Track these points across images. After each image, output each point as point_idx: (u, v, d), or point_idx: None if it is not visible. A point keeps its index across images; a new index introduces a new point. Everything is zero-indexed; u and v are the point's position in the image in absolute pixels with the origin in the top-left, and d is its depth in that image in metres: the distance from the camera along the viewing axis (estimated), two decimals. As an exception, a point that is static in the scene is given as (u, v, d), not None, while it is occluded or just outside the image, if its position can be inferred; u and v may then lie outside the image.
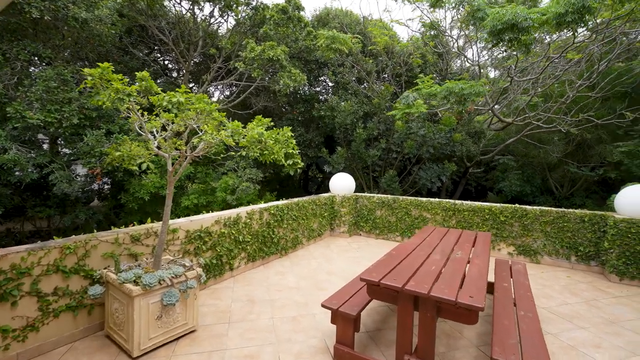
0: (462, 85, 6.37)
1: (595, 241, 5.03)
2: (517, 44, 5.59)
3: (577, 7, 4.83)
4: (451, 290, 2.21)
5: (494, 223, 5.76)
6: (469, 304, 2.02)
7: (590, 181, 12.96)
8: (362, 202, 7.12)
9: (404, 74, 10.29)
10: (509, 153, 13.80)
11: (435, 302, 2.22)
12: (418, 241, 3.69)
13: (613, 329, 3.30)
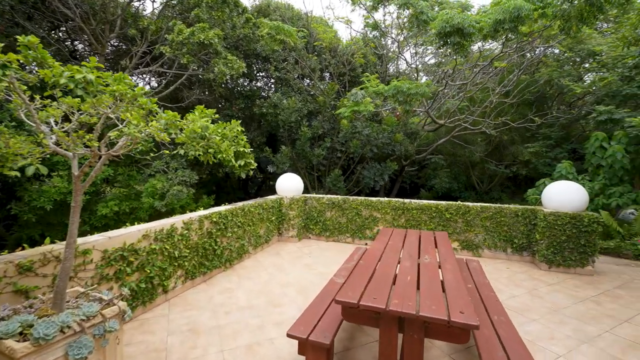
0: (408, 85, 6.46)
1: (527, 233, 5.48)
2: (461, 49, 5.82)
3: (513, 17, 5.17)
4: (439, 306, 1.96)
5: (440, 220, 5.93)
6: (465, 323, 1.79)
7: (504, 177, 14.64)
8: (311, 203, 6.78)
9: (348, 74, 10.27)
10: (439, 153, 14.86)
11: (423, 322, 1.95)
12: (382, 245, 3.47)
13: (558, 317, 3.50)
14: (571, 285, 4.43)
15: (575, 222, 4.89)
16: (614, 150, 7.18)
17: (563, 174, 7.78)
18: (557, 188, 5.13)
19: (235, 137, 2.69)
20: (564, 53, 11.13)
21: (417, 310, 1.92)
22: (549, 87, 12.25)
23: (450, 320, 1.82)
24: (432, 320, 1.86)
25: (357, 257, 4.02)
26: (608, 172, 7.36)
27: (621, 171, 7.20)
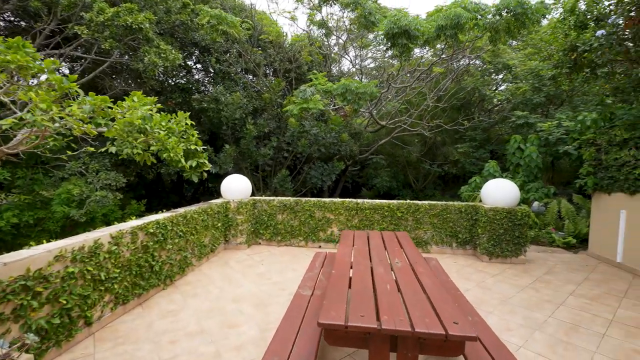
0: (356, 84, 6.44)
1: (469, 228, 5.86)
2: (406, 51, 5.97)
3: (454, 23, 5.46)
4: (432, 318, 1.81)
5: (392, 219, 6.02)
6: (463, 335, 1.66)
7: (436, 176, 15.85)
8: (261, 206, 6.33)
9: (294, 70, 9.97)
10: (379, 153, 15.45)
11: (418, 339, 1.77)
12: (348, 250, 3.27)
13: (508, 308, 3.72)
14: (511, 275, 4.81)
15: (510, 216, 5.36)
16: (530, 151, 8.18)
17: (491, 172, 8.61)
18: (495, 185, 5.57)
19: (184, 132, 2.21)
20: (484, 65, 12.45)
21: (411, 326, 1.73)
22: (473, 95, 13.61)
23: (448, 334, 1.67)
24: (426, 336, 1.69)
25: (319, 264, 3.78)
26: (525, 170, 8.35)
27: (536, 169, 8.23)
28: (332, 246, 6.16)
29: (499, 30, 6.22)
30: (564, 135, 8.17)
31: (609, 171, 5.43)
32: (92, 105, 1.55)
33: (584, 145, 6.05)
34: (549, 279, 4.66)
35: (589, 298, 4.01)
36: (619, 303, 3.89)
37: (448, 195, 15.50)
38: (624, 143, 5.13)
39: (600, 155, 5.60)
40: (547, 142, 8.58)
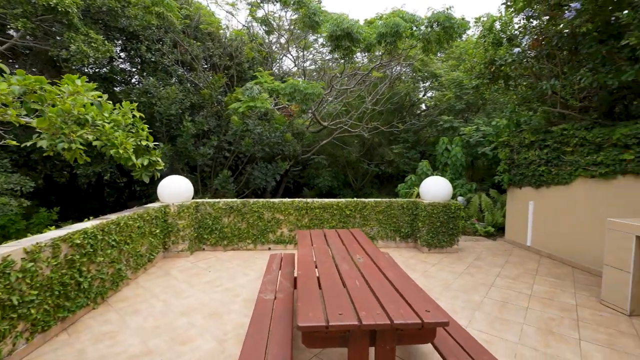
0: (304, 84, 6.44)
1: (410, 223, 6.30)
2: (349, 54, 6.17)
3: (393, 31, 5.82)
4: (406, 309, 1.88)
5: (341, 217, 6.16)
6: (437, 322, 1.75)
7: (373, 175, 16.73)
8: (204, 209, 5.90)
9: (234, 67, 9.54)
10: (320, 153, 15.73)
11: (396, 330, 1.82)
12: (309, 250, 3.23)
13: (451, 293, 4.10)
14: (448, 263, 5.32)
15: (446, 210, 5.92)
16: (455, 151, 9.17)
17: (424, 170, 9.42)
18: (432, 182, 6.09)
19: (132, 125, 1.92)
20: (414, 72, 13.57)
21: (389, 318, 1.77)
22: (405, 99, 14.73)
23: (424, 322, 1.75)
24: (405, 327, 1.75)
25: (276, 267, 3.67)
26: (452, 169, 9.33)
27: (460, 168, 9.25)
28: (283, 247, 6.05)
29: (431, 41, 6.85)
30: (481, 138, 9.35)
31: (520, 168, 6.37)
32: (23, 86, 1.23)
33: (500, 146, 6.99)
34: (479, 265, 5.26)
35: (511, 278, 4.64)
36: (533, 280, 4.57)
37: (384, 192, 16.49)
38: (531, 145, 6.07)
39: (513, 155, 6.53)
40: (469, 144, 9.73)
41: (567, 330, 3.18)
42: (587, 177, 4.97)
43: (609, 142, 4.56)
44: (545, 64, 5.39)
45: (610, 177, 4.61)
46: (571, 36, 4.53)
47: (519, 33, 5.86)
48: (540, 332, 3.14)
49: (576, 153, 5.11)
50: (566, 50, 4.89)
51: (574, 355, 2.76)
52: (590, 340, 2.99)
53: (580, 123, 5.13)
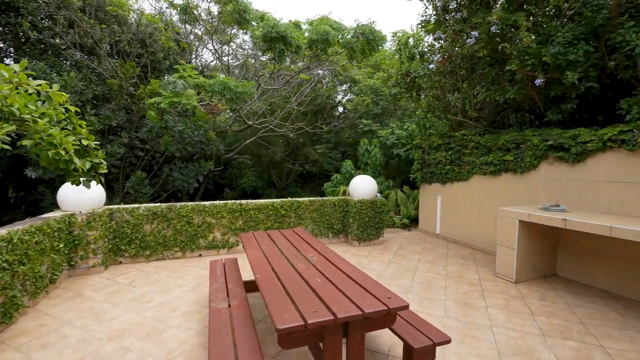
0: (235, 82, 6.20)
1: (341, 219, 6.68)
2: (282, 56, 6.21)
3: (324, 38, 6.09)
4: (372, 300, 2.06)
5: (276, 217, 6.15)
6: (400, 306, 1.97)
7: (297, 174, 17.04)
8: (121, 217, 5.17)
9: (147, 56, 8.51)
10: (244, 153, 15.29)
11: (366, 319, 1.97)
12: (259, 253, 3.18)
13: (385, 280, 4.53)
14: (377, 254, 5.84)
15: (373, 205, 6.46)
16: (375, 152, 10.05)
17: (348, 170, 10.05)
18: (361, 180, 6.58)
19: (67, 121, 1.62)
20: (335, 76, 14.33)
21: (360, 309, 1.91)
22: (327, 102, 15.41)
23: (390, 308, 1.95)
24: (374, 315, 1.92)
25: (220, 273, 3.50)
26: (372, 168, 10.19)
27: (379, 167, 10.17)
28: (215, 252, 5.74)
29: (356, 50, 7.39)
30: (396, 140, 10.46)
31: (430, 167, 7.37)
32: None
33: (413, 148, 7.95)
34: (403, 253, 5.93)
35: (429, 262, 5.37)
36: (446, 262, 5.38)
37: (307, 191, 16.95)
38: (438, 147, 7.08)
39: (425, 155, 7.52)
40: (385, 145, 10.77)
41: (477, 300, 3.88)
42: (481, 174, 6.07)
43: (496, 146, 5.67)
44: (449, 79, 6.38)
45: (497, 174, 5.74)
46: (470, 58, 5.49)
47: (428, 51, 6.79)
48: (458, 305, 3.75)
49: (473, 155, 6.20)
50: (465, 69, 5.88)
51: (485, 319, 3.40)
52: (494, 306, 3.72)
53: (475, 130, 6.23)
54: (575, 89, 4.24)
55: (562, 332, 3.16)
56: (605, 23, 3.88)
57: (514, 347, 2.90)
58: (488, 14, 4.59)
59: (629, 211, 3.96)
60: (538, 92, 4.76)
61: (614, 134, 3.99)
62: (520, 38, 4.22)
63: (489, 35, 4.73)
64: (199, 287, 4.23)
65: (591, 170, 4.36)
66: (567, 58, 3.97)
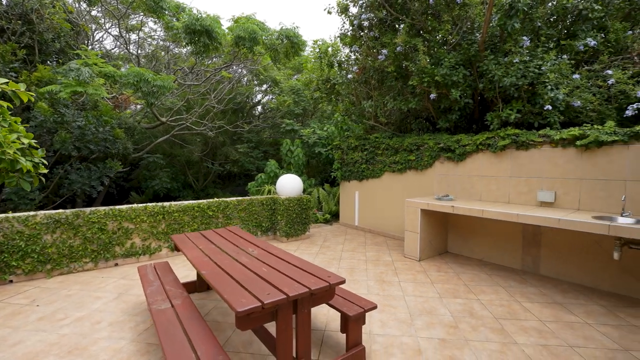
0: (152, 74, 5.80)
1: (270, 217, 6.89)
2: (206, 50, 6.09)
3: (251, 37, 6.20)
4: (315, 279, 2.40)
5: (203, 219, 6.01)
6: (338, 282, 2.37)
7: (216, 174, 16.43)
8: (10, 228, 4.38)
9: (29, 35, 7.14)
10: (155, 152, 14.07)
11: (312, 295, 2.30)
12: (198, 252, 3.22)
13: (314, 270, 4.95)
14: (305, 248, 6.25)
15: (300, 203, 6.86)
16: (298, 152, 10.51)
17: (273, 169, 10.26)
18: (288, 179, 6.90)
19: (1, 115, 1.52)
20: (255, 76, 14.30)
21: (307, 287, 2.24)
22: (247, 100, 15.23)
23: (331, 284, 2.32)
24: (319, 291, 2.27)
25: (154, 277, 3.41)
26: (295, 167, 10.62)
27: (302, 166, 10.67)
28: (135, 260, 5.32)
29: (280, 52, 7.64)
30: (317, 140, 11.11)
31: (349, 166, 8.15)
32: None
33: (334, 148, 8.65)
34: (328, 245, 6.48)
35: (351, 250, 6.03)
36: (365, 249, 6.13)
37: (228, 191, 16.52)
38: (355, 148, 7.89)
39: (344, 155, 8.27)
40: (307, 145, 11.32)
41: (391, 277, 4.61)
42: (390, 171, 7.05)
43: (402, 147, 6.67)
44: (364, 88, 7.20)
45: (403, 171, 6.76)
46: (380, 71, 6.34)
47: (345, 61, 7.51)
48: (378, 283, 4.41)
49: (384, 155, 7.14)
50: (376, 80, 6.75)
51: (399, 291, 4.11)
52: (404, 280, 4.49)
53: (385, 133, 7.19)
54: (458, 103, 5.37)
55: (452, 293, 4.07)
56: (476, 54, 5.06)
57: (421, 309, 3.63)
58: (394, 36, 5.43)
59: (494, 198, 5.24)
60: (432, 104, 5.84)
61: (483, 139, 5.23)
62: (418, 59, 5.14)
63: (395, 54, 5.59)
64: (122, 296, 3.95)
65: (469, 167, 5.58)
66: (452, 79, 5.03)
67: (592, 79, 4.75)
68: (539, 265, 4.77)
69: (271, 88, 14.60)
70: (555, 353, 2.78)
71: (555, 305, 3.72)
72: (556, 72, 4.52)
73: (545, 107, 4.50)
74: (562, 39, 5.15)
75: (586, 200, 4.27)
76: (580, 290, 4.16)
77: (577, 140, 4.23)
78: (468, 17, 5.00)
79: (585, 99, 4.53)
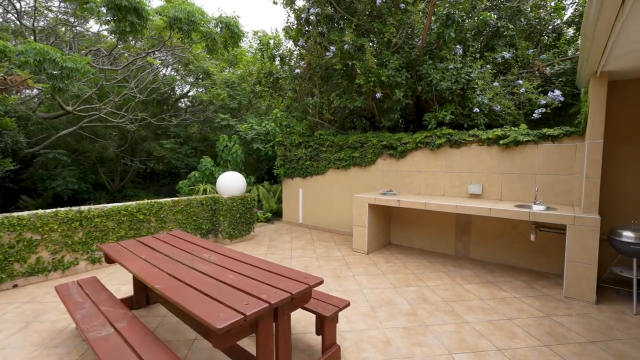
0: (61, 54, 4.79)
1: (210, 218, 6.37)
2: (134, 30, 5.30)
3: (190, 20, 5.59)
4: (293, 282, 2.25)
5: (132, 224, 5.24)
6: (317, 282, 2.27)
7: (135, 173, 14.63)
8: None
9: None
10: (56, 147, 11.87)
11: (292, 300, 2.15)
12: (142, 263, 2.77)
13: (267, 272, 4.72)
14: (251, 249, 5.94)
15: (243, 202, 6.49)
16: (236, 148, 9.95)
17: (208, 167, 9.51)
18: (230, 178, 6.46)
19: None
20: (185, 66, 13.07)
21: (288, 292, 2.08)
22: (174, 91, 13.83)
23: (310, 286, 2.21)
24: (299, 295, 2.14)
25: (82, 298, 2.83)
26: (233, 164, 10.05)
27: (240, 163, 10.14)
28: (43, 278, 4.35)
29: (217, 41, 7.07)
30: (256, 135, 10.69)
31: (292, 163, 8.03)
32: None
33: (276, 145, 8.41)
34: (275, 244, 6.27)
35: (300, 248, 5.94)
36: (314, 246, 6.10)
37: (151, 192, 14.88)
38: (299, 145, 7.80)
39: (287, 152, 8.10)
40: (245, 141, 10.81)
41: (346, 272, 4.67)
42: (335, 168, 7.15)
43: (346, 145, 6.82)
44: (308, 84, 7.14)
45: (348, 168, 6.93)
46: (326, 68, 6.35)
47: (287, 55, 7.34)
48: (334, 279, 4.42)
49: (328, 152, 7.21)
50: (321, 77, 6.75)
51: (355, 285, 4.18)
52: (358, 274, 4.59)
53: (330, 130, 7.26)
54: (400, 103, 5.71)
55: (404, 282, 4.30)
56: (416, 58, 5.44)
57: (380, 300, 3.74)
58: (342, 34, 5.49)
59: (431, 191, 5.72)
60: (376, 104, 6.10)
61: (422, 138, 5.66)
62: (366, 59, 5.30)
63: (342, 52, 5.67)
64: (32, 325, 3.17)
65: (409, 163, 5.99)
66: (396, 80, 5.32)
67: (507, 87, 5.52)
68: (469, 250, 5.38)
69: (202, 80, 13.52)
70: (499, 327, 3.14)
71: (489, 284, 4.23)
72: (482, 79, 5.13)
73: (474, 110, 5.07)
74: (483, 50, 5.87)
75: (506, 191, 4.95)
76: (503, 269, 4.82)
77: (500, 139, 4.87)
78: (410, 23, 5.33)
79: (504, 104, 5.25)
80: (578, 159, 4.34)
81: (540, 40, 6.23)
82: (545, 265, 4.69)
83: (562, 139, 4.46)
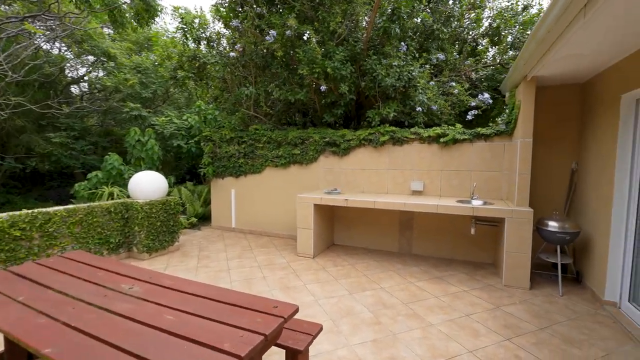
0: None
1: (121, 229, 5.16)
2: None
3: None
4: (265, 317, 1.72)
5: (3, 244, 3.83)
6: (293, 311, 1.78)
7: (8, 175, 11.55)
8: None
9: None
10: None
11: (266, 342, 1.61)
12: (19, 312, 1.87)
13: (202, 290, 3.95)
14: (178, 262, 5.01)
15: (165, 207, 5.45)
16: (152, 144, 8.51)
17: (115, 166, 7.89)
18: (147, 179, 5.35)
19: None
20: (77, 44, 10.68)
21: (261, 334, 1.55)
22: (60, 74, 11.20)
23: (286, 317, 1.71)
24: (273, 335, 1.62)
25: None
26: (148, 163, 8.58)
27: (157, 162, 8.73)
28: None
29: (124, 15, 5.76)
30: (176, 130, 9.34)
31: (222, 161, 7.16)
32: None
33: (203, 140, 7.41)
34: (207, 254, 5.43)
35: (238, 258, 5.25)
36: (253, 254, 5.46)
37: (33, 198, 11.99)
38: (231, 140, 6.99)
39: (216, 149, 7.19)
40: (162, 136, 9.36)
41: (295, 281, 4.22)
42: (273, 166, 6.59)
43: (285, 141, 6.33)
44: (242, 72, 6.41)
45: (287, 166, 6.45)
46: (263, 55, 5.74)
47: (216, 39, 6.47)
48: (283, 291, 3.92)
49: (265, 149, 6.60)
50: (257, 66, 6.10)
51: (308, 295, 3.76)
52: (309, 282, 4.18)
53: (267, 125, 6.66)
54: (344, 98, 5.48)
55: (359, 286, 4.06)
56: (360, 52, 5.27)
57: (339, 310, 3.40)
58: (285, 18, 4.98)
59: (375, 189, 5.66)
60: (319, 97, 5.76)
61: (366, 135, 5.54)
62: (310, 49, 4.90)
63: (283, 38, 5.15)
64: None
65: (352, 161, 5.82)
66: (341, 73, 5.05)
67: (442, 88, 5.77)
68: (411, 246, 5.47)
69: (102, 63, 11.25)
70: (461, 325, 3.10)
71: (437, 279, 4.29)
72: (423, 79, 5.23)
73: (417, 109, 5.14)
74: (418, 51, 6.05)
75: (445, 187, 5.15)
76: (445, 262, 5.00)
77: (440, 137, 5.03)
78: (355, 14, 5.12)
79: (440, 104, 5.46)
80: (506, 156, 4.72)
81: (463, 47, 6.74)
82: (480, 256, 5.01)
83: (493, 138, 4.80)
